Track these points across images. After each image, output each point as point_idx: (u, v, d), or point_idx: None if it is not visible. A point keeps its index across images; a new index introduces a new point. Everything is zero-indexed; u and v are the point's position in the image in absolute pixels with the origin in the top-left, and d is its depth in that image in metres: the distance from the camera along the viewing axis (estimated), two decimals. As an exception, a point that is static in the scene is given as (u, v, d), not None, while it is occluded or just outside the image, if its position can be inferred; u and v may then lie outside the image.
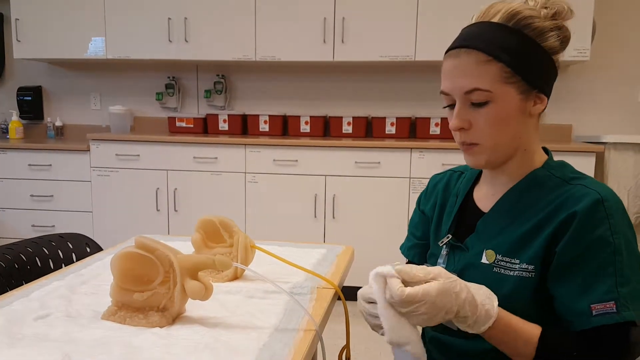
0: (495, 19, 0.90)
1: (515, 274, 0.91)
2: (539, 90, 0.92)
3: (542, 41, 0.90)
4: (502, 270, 0.93)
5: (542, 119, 1.00)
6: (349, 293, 1.73)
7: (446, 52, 0.95)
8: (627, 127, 3.46)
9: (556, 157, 1.00)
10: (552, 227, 0.89)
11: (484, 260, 0.96)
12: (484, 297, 0.83)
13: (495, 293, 0.87)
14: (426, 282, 0.79)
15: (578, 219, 0.86)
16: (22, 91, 3.90)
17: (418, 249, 1.17)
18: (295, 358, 0.76)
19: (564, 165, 0.98)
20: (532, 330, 0.86)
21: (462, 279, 0.96)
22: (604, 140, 3.09)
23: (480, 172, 1.08)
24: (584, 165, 2.88)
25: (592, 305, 0.84)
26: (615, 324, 0.82)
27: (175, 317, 0.89)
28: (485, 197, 1.03)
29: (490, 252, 0.95)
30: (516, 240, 0.92)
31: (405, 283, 0.79)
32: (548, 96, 0.94)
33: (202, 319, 0.90)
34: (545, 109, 0.95)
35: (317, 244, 1.43)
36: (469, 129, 0.92)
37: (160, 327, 0.86)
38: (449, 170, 1.17)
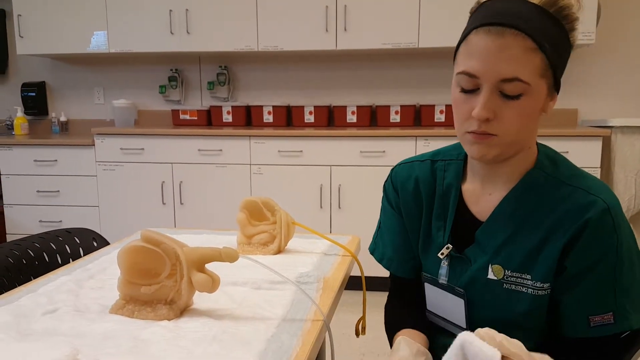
0: (535, 0, 0.81)
1: (529, 292, 0.89)
2: (557, 88, 0.86)
3: (572, 35, 0.83)
4: (514, 287, 0.90)
5: None
6: (355, 283, 1.73)
7: (481, 25, 0.81)
8: (634, 110, 3.43)
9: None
10: (562, 241, 0.85)
11: (490, 276, 0.91)
12: None
13: (509, 310, 0.87)
14: None
15: (587, 232, 0.83)
16: (26, 87, 3.91)
17: (412, 262, 1.05)
18: (303, 348, 0.76)
19: (555, 161, 0.92)
20: None
21: (468, 294, 0.94)
22: (610, 124, 3.06)
23: (464, 164, 0.99)
24: (591, 149, 2.86)
25: (590, 317, 0.85)
26: (613, 334, 0.85)
27: (183, 310, 0.90)
28: (477, 197, 0.95)
29: (498, 267, 0.91)
30: (525, 254, 0.88)
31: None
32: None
33: (210, 311, 0.90)
34: None
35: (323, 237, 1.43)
36: (493, 120, 0.82)
37: (168, 320, 0.86)
38: (425, 159, 1.03)
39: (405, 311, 1.08)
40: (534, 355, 0.69)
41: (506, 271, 0.90)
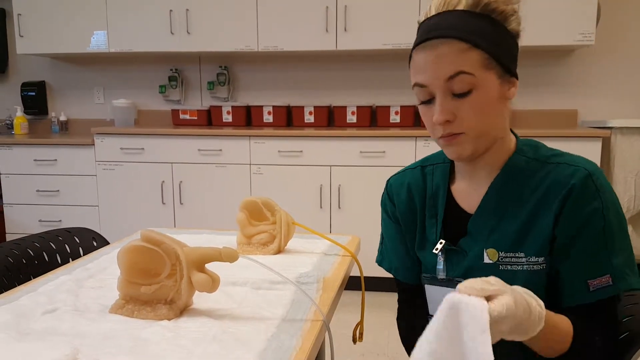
0: (460, 7, 0.87)
1: (524, 268, 0.91)
2: (511, 74, 0.90)
3: (508, 25, 0.88)
4: (509, 267, 0.92)
5: (512, 104, 0.98)
6: (355, 283, 1.73)
7: (417, 45, 0.89)
8: (634, 111, 3.43)
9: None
10: (551, 213, 0.89)
11: (486, 260, 0.94)
12: (528, 296, 0.75)
13: None
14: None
15: (572, 199, 0.87)
16: (26, 87, 3.91)
17: (416, 268, 1.08)
18: (303, 348, 0.77)
19: (535, 145, 0.97)
20: (565, 324, 0.85)
21: None
22: (610, 125, 3.06)
23: (452, 165, 1.04)
24: (590, 150, 2.86)
25: (588, 281, 0.86)
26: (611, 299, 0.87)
27: (183, 310, 0.90)
28: (466, 193, 1.00)
29: (492, 250, 0.93)
30: (515, 233, 0.92)
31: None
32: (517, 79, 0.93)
33: (210, 311, 0.90)
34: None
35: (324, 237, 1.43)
36: (454, 121, 0.88)
37: (168, 319, 0.86)
38: (416, 166, 1.08)
39: (420, 321, 1.09)
40: (515, 287, 0.74)
41: (500, 253, 0.93)
